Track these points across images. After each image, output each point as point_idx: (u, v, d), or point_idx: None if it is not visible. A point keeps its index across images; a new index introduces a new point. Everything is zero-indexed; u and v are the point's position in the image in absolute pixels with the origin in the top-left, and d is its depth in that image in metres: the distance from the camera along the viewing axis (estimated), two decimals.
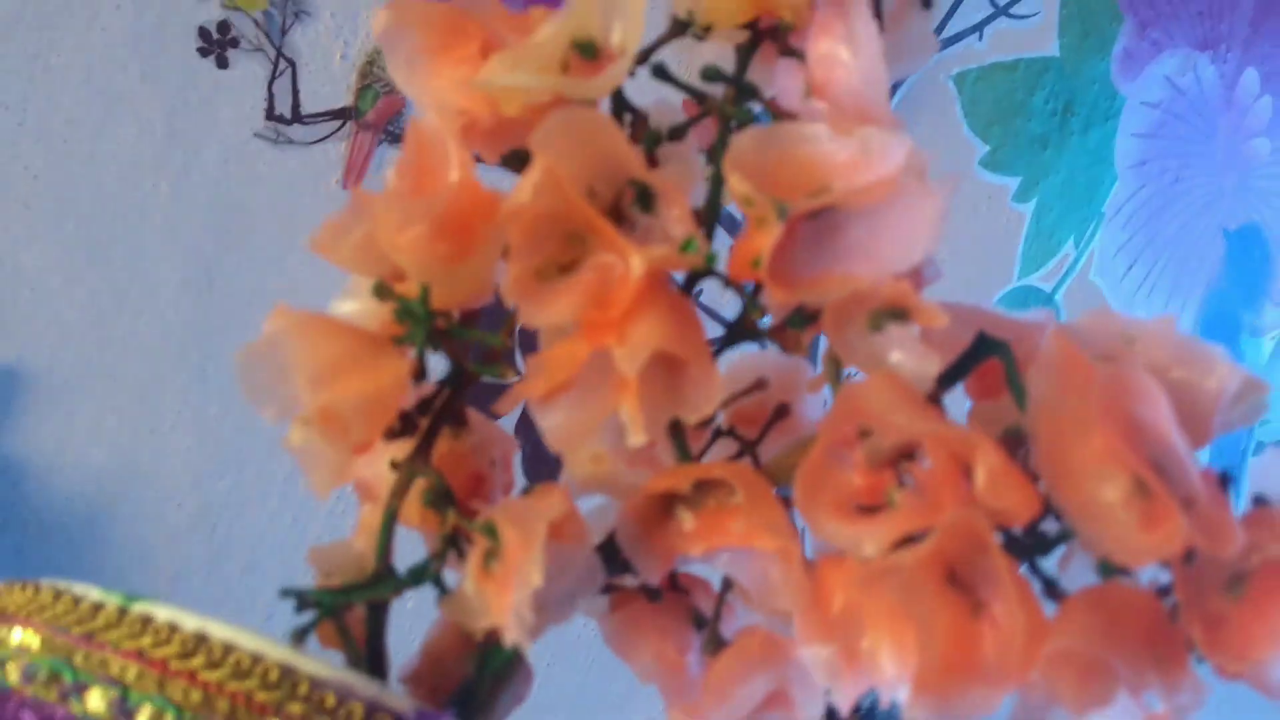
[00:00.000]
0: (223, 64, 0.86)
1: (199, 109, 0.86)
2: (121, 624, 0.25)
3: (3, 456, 0.84)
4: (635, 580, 0.30)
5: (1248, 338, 1.63)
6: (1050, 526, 0.25)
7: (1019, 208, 1.31)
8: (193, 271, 0.88)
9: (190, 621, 0.25)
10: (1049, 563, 0.26)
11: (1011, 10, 1.24)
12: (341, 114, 0.90)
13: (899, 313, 0.26)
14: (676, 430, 0.28)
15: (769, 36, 0.30)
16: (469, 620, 0.27)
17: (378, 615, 0.29)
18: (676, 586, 0.32)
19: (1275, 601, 0.23)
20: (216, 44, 0.86)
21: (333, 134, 0.90)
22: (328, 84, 0.90)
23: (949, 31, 1.21)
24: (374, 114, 0.91)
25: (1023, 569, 0.25)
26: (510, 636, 0.26)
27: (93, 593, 0.25)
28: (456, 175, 0.28)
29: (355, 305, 0.30)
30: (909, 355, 0.26)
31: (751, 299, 0.28)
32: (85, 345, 0.86)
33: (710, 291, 0.29)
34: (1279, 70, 1.52)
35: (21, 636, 0.25)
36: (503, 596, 0.26)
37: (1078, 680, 0.23)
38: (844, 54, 0.28)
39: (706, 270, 0.27)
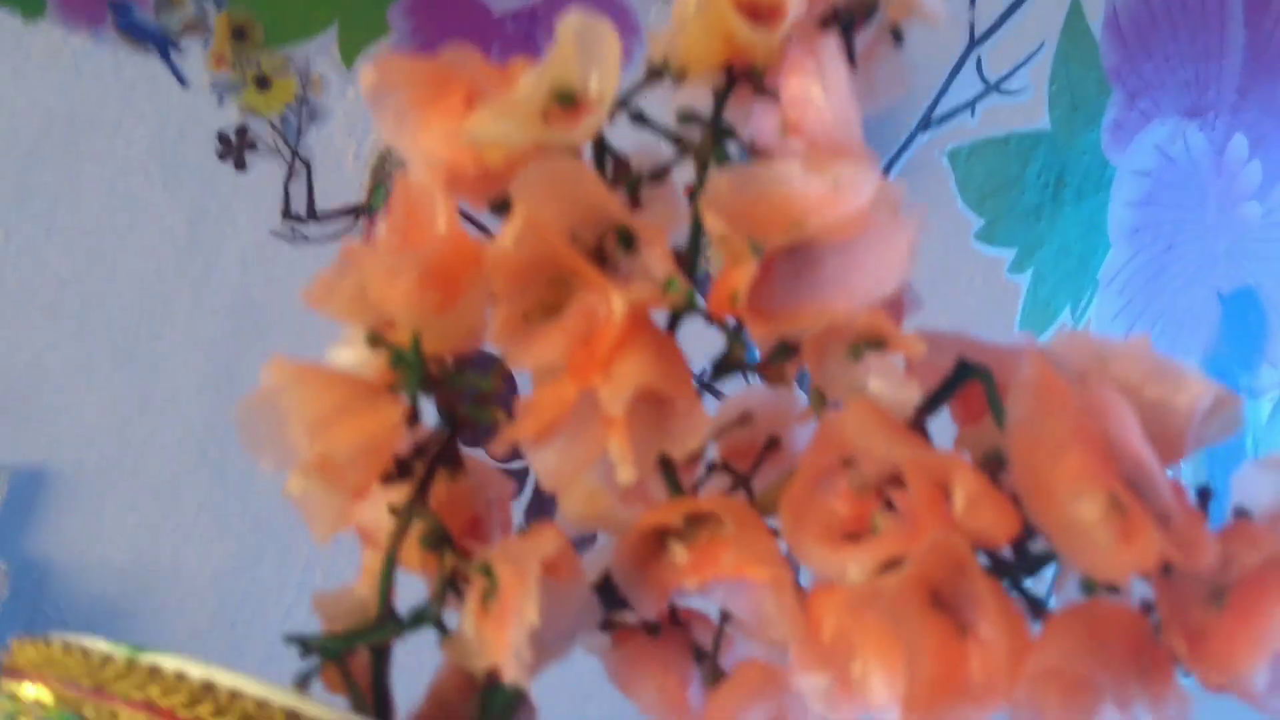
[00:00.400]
0: (241, 166, 0.89)
1: (218, 211, 0.89)
2: (130, 675, 0.26)
3: (30, 556, 0.85)
4: (635, 616, 0.31)
5: (1246, 399, 1.65)
6: (1037, 547, 0.26)
7: (1015, 278, 1.33)
8: (213, 371, 0.90)
9: (196, 670, 0.26)
10: (1035, 582, 0.26)
11: (1002, 87, 1.26)
12: (355, 211, 0.92)
13: (877, 342, 0.27)
14: (667, 466, 0.29)
15: (744, 78, 0.31)
16: (469, 661, 0.28)
17: (381, 659, 0.30)
18: (676, 621, 0.32)
19: (1255, 612, 0.23)
20: (235, 148, 0.89)
21: (347, 230, 0.92)
22: (341, 183, 0.92)
23: (941, 109, 1.23)
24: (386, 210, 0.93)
25: (1010, 589, 0.25)
26: (509, 675, 0.26)
27: (101, 645, 0.27)
28: (443, 226, 0.29)
29: (350, 354, 0.31)
30: (888, 383, 0.27)
31: (735, 335, 0.29)
32: (109, 446, 0.88)
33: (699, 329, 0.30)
34: (1267, 135, 1.54)
35: (35, 691, 0.26)
36: (500, 635, 0.27)
37: (1063, 697, 0.23)
38: (816, 93, 0.29)
39: (689, 307, 0.28)
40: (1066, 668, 0.23)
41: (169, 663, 0.26)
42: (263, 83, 0.89)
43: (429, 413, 0.31)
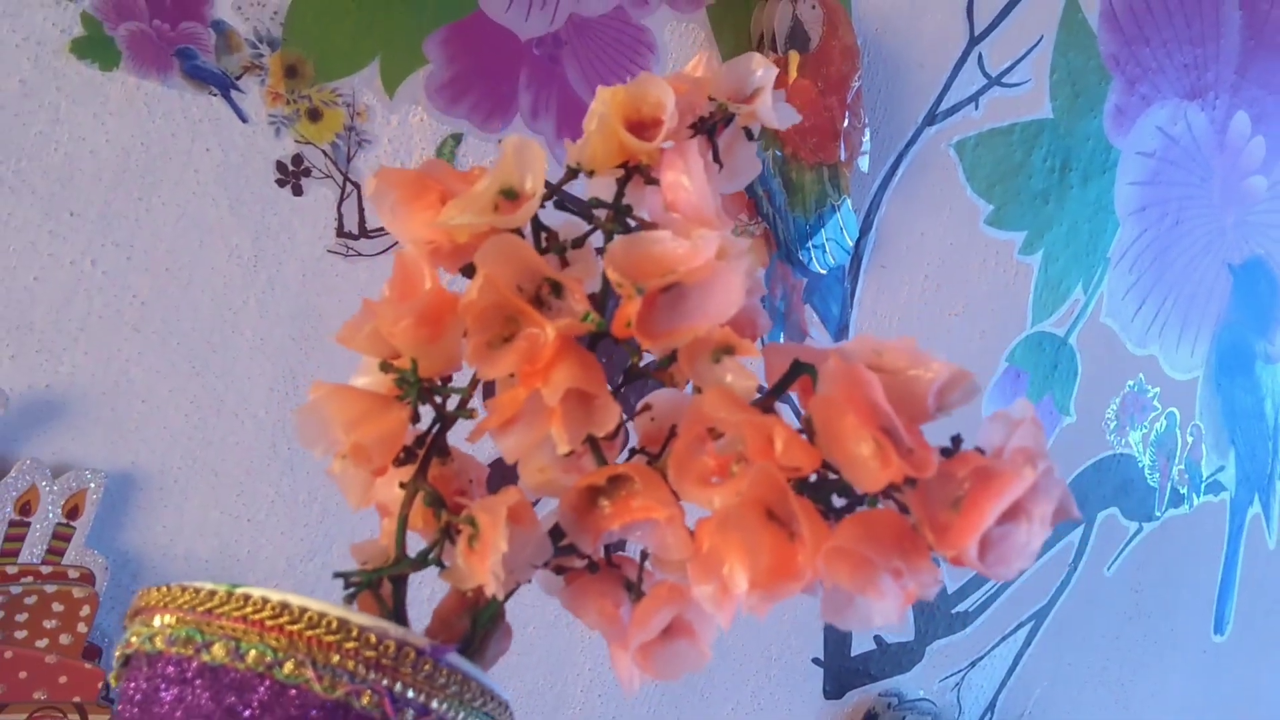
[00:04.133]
0: (298, 192, 0.94)
1: (279, 232, 0.94)
2: (230, 602, 0.35)
3: (125, 551, 0.91)
4: (580, 560, 0.41)
5: (1263, 365, 1.68)
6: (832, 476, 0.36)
7: (1026, 260, 1.36)
8: (279, 374, 0.95)
9: (275, 595, 0.35)
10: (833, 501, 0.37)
11: (1004, 79, 1.31)
12: None
13: (729, 349, 0.38)
14: (595, 446, 0.40)
15: (637, 173, 0.43)
16: (462, 583, 0.38)
17: (399, 588, 0.40)
18: (610, 563, 0.42)
19: (977, 511, 0.33)
20: (292, 175, 0.93)
21: (394, 245, 0.97)
22: None
23: (946, 104, 1.27)
24: None
25: (817, 504, 0.35)
26: (489, 589, 0.36)
27: (207, 585, 0.36)
28: (428, 285, 0.40)
29: (367, 378, 0.42)
30: (737, 377, 0.37)
31: (635, 350, 0.39)
32: (190, 447, 0.93)
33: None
34: (1269, 112, 1.57)
35: (162, 619, 0.35)
36: (482, 563, 0.37)
37: (850, 569, 0.33)
38: (684, 181, 0.41)
39: (602, 333, 0.39)
40: (851, 549, 0.33)
41: (256, 591, 0.35)
42: (314, 115, 0.94)
43: (425, 417, 0.42)
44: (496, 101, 1.01)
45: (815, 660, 1.31)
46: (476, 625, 0.40)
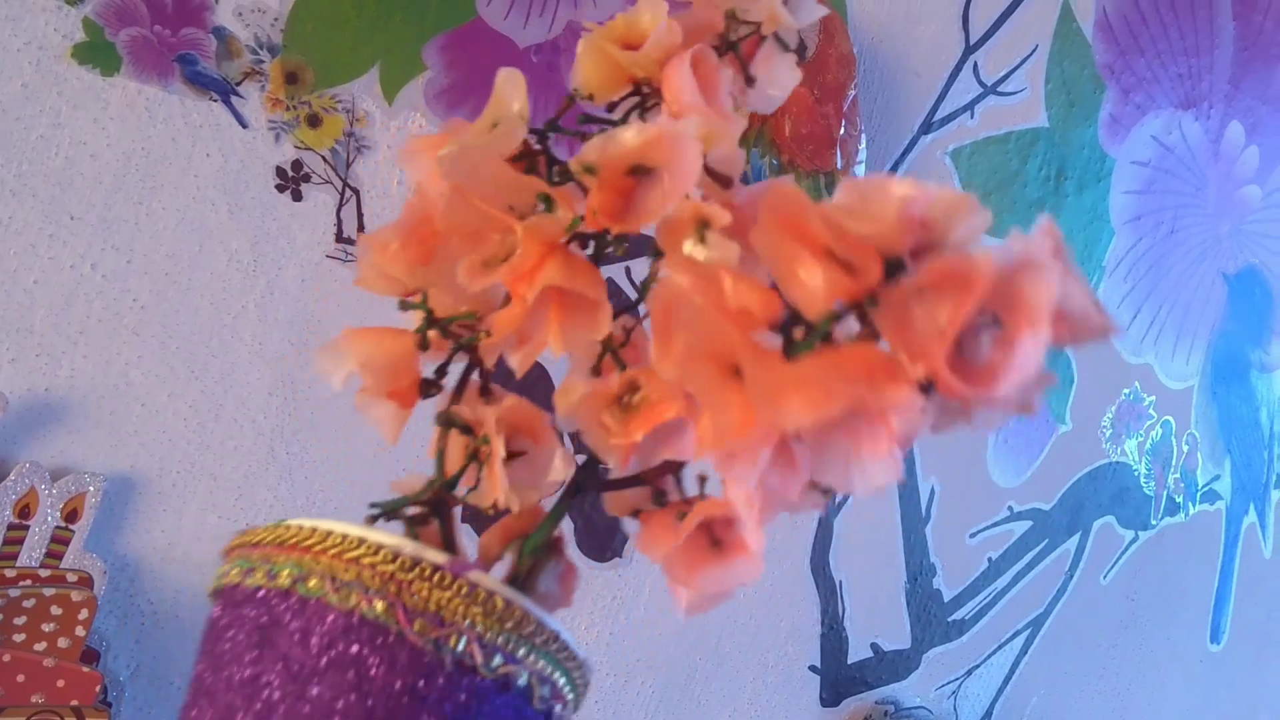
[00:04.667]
0: (297, 197, 0.94)
1: (278, 237, 0.94)
2: (275, 531, 0.36)
3: (123, 555, 0.91)
4: (652, 504, 0.40)
5: (1258, 374, 1.69)
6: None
7: None
8: (278, 379, 0.95)
9: (309, 521, 0.36)
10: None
11: (999, 88, 1.32)
12: None
13: (704, 222, 0.36)
14: (616, 356, 0.39)
15: (651, 93, 0.42)
16: (480, 501, 0.39)
17: (445, 520, 0.40)
18: (684, 497, 0.41)
19: (948, 318, 0.29)
20: (291, 180, 0.94)
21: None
22: (388, 207, 0.98)
23: (942, 112, 1.28)
24: None
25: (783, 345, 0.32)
26: (501, 503, 0.37)
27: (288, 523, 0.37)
28: (416, 207, 0.40)
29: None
30: (715, 249, 0.36)
31: (616, 241, 0.38)
32: (188, 451, 0.93)
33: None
34: (1263, 121, 1.58)
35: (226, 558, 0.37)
36: (495, 480, 0.38)
37: (808, 408, 0.30)
38: (680, 92, 0.39)
39: (581, 233, 0.38)
40: (808, 386, 0.30)
41: (295, 520, 0.36)
42: (314, 121, 0.94)
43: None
44: None
45: (812, 668, 1.31)
46: (522, 553, 0.40)
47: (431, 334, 0.41)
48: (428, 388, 0.42)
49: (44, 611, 0.85)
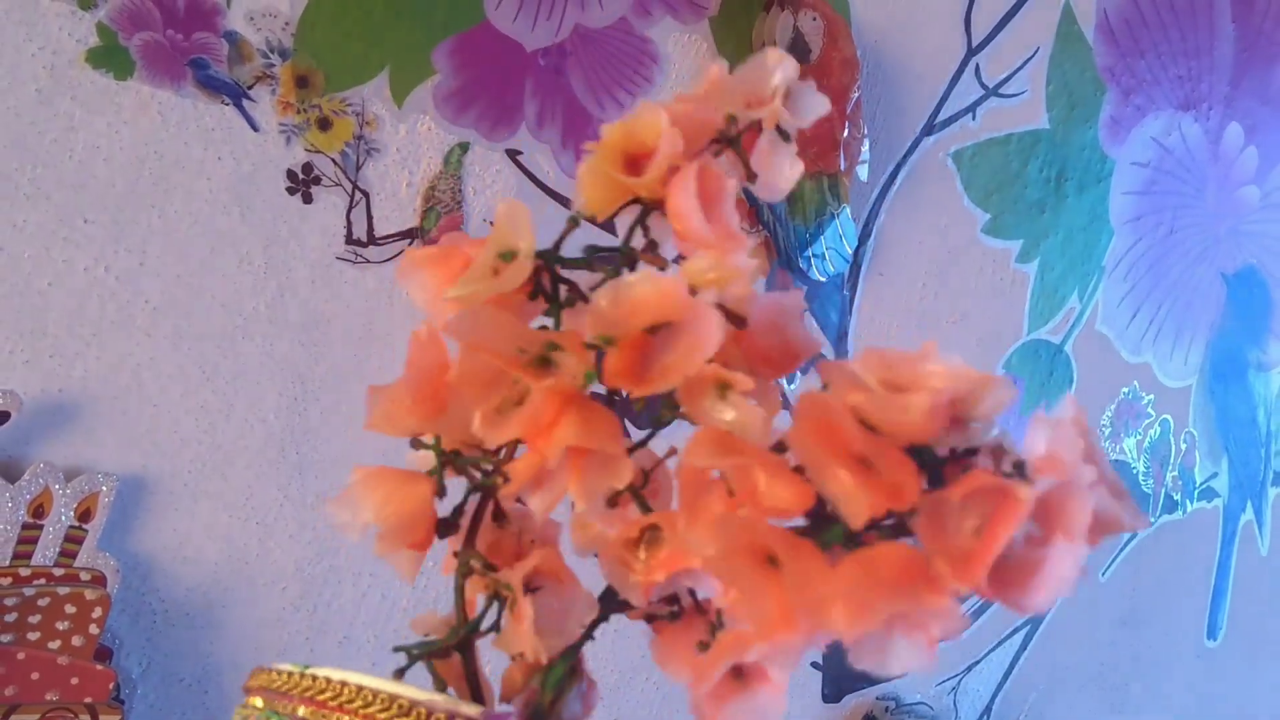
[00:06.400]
0: (307, 199, 0.95)
1: (289, 239, 0.95)
2: (301, 682, 0.36)
3: (135, 554, 0.92)
4: (668, 607, 0.40)
5: (1255, 373, 1.69)
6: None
7: (1022, 268, 1.37)
8: (288, 380, 0.96)
9: (337, 675, 0.35)
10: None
11: (1001, 90, 1.32)
12: (410, 234, 0.99)
13: (726, 385, 0.36)
14: (638, 496, 0.39)
15: (653, 207, 0.41)
16: (508, 649, 0.38)
17: (468, 657, 0.40)
18: (699, 608, 0.41)
19: (989, 536, 0.29)
20: (302, 183, 0.94)
21: (402, 251, 0.98)
22: (396, 209, 0.98)
23: (944, 114, 1.28)
24: (437, 231, 0.99)
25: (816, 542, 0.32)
26: (529, 655, 0.37)
27: (285, 667, 0.36)
28: (428, 362, 0.40)
29: (417, 457, 0.42)
30: (740, 414, 0.35)
31: (639, 402, 0.38)
32: (200, 452, 0.93)
33: None
34: (1262, 123, 1.58)
35: (256, 700, 0.37)
36: (520, 629, 0.37)
37: (850, 615, 0.30)
38: (682, 208, 0.39)
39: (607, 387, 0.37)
40: (848, 593, 0.30)
41: (321, 671, 0.36)
42: (324, 124, 0.95)
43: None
44: (502, 111, 1.02)
45: (814, 664, 1.32)
46: (544, 684, 0.39)
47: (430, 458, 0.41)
48: (445, 529, 0.41)
49: (58, 610, 0.86)
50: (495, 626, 0.40)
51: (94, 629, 0.87)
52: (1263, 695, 1.79)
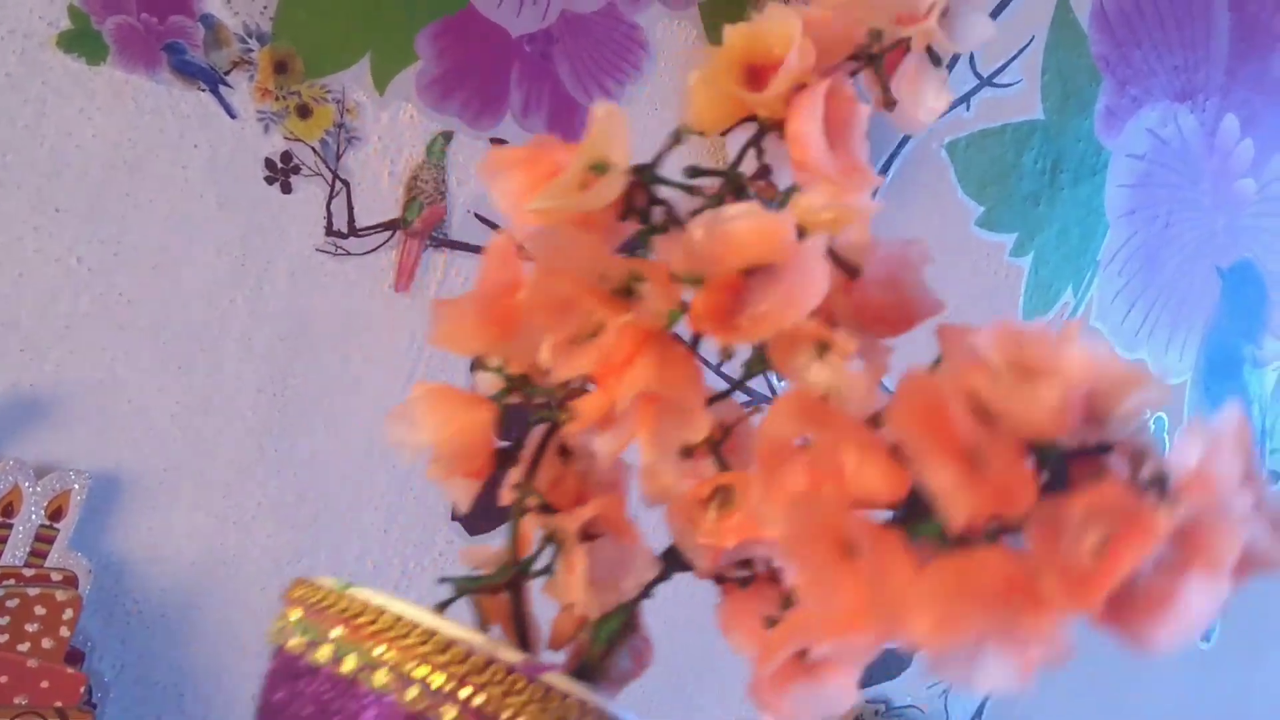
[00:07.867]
0: (287, 189, 0.93)
1: (268, 230, 0.93)
2: (337, 603, 0.34)
3: (107, 554, 0.90)
4: (741, 570, 0.37)
5: (1250, 369, 1.68)
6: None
7: (1017, 262, 1.36)
8: (267, 375, 0.94)
9: (376, 599, 0.33)
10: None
11: (995, 80, 1.30)
12: (391, 225, 0.97)
13: (826, 345, 0.32)
14: (716, 450, 0.36)
15: (771, 127, 0.37)
16: (559, 598, 0.36)
17: (518, 596, 0.37)
18: (774, 576, 0.37)
19: (1112, 560, 0.25)
20: (281, 172, 0.93)
21: (384, 243, 0.97)
22: (378, 200, 0.97)
23: None
24: (420, 223, 0.98)
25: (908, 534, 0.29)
26: (578, 608, 0.34)
27: (322, 582, 0.35)
28: (495, 278, 0.37)
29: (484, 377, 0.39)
30: (837, 377, 0.32)
31: (722, 351, 0.34)
32: (176, 449, 0.92)
33: None
34: (1258, 114, 1.57)
35: (295, 614, 0.35)
36: (571, 579, 0.35)
37: (935, 624, 0.26)
38: (804, 133, 0.35)
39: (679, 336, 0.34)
40: (934, 600, 0.26)
41: (361, 593, 0.34)
42: (304, 111, 0.93)
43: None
44: (487, 98, 1.00)
45: None
46: (597, 637, 0.37)
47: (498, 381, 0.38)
48: (504, 460, 0.38)
49: (28, 611, 0.84)
50: (548, 569, 0.37)
51: (65, 631, 0.84)
52: (1256, 697, 1.78)
